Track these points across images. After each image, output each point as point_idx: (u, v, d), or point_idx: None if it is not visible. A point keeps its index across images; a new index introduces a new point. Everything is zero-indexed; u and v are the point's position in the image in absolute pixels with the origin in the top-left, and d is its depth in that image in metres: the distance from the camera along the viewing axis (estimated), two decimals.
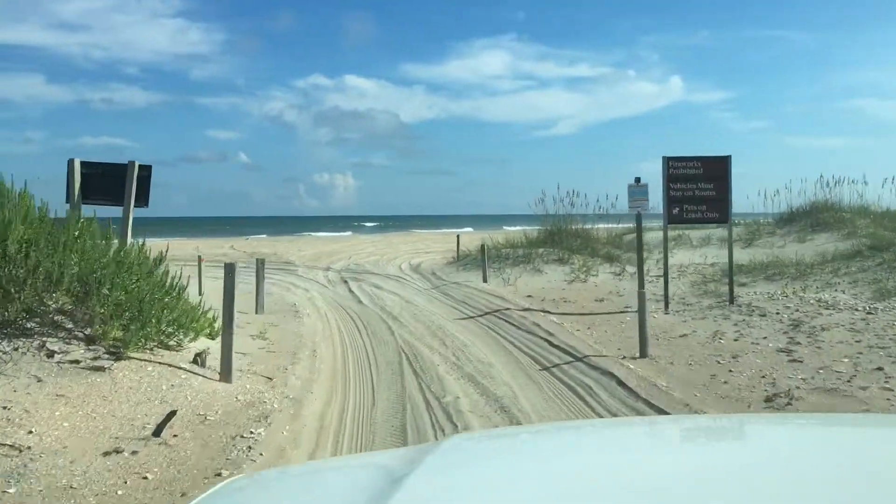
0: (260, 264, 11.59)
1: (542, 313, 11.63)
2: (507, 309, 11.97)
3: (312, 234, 60.55)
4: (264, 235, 58.39)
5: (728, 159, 12.01)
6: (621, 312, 11.80)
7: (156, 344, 6.92)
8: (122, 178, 14.67)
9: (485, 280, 15.53)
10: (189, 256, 26.80)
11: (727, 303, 11.81)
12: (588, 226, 21.27)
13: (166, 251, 7.91)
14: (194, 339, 7.28)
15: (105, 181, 14.92)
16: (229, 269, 6.61)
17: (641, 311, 8.18)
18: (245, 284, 14.44)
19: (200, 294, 13.86)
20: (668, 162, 11.95)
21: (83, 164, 14.65)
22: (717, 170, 11.96)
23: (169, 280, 7.52)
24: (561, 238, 20.29)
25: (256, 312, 11.31)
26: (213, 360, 6.93)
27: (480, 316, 11.58)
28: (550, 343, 9.15)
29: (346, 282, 16.64)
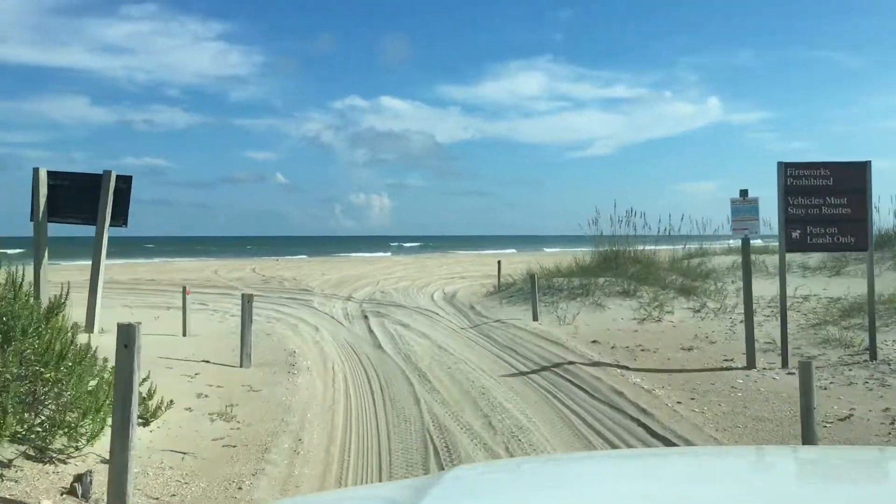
0: (247, 301, 8.86)
1: (619, 370, 8.71)
2: (571, 363, 9.08)
3: (349, 254, 58.25)
4: (304, 256, 56.74)
5: (867, 166, 9.02)
6: (724, 369, 8.84)
7: (25, 451, 4.22)
8: (95, 191, 12.20)
9: (535, 318, 12.64)
10: (199, 281, 24.33)
11: (868, 358, 8.78)
12: (648, 247, 18.60)
13: (65, 293, 5.23)
14: (93, 438, 4.55)
15: (76, 195, 12.41)
16: (124, 335, 3.79)
17: (807, 393, 5.17)
18: (253, 323, 11.76)
19: (185, 335, 11.29)
20: (786, 169, 8.99)
21: (50, 174, 12.18)
22: (852, 180, 8.99)
23: (70, 339, 4.83)
24: (619, 263, 17.48)
25: (241, 365, 8.60)
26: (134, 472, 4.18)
27: (535, 372, 8.71)
28: (648, 429, 6.23)
29: (366, 317, 13.88)
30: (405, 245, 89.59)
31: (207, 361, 8.69)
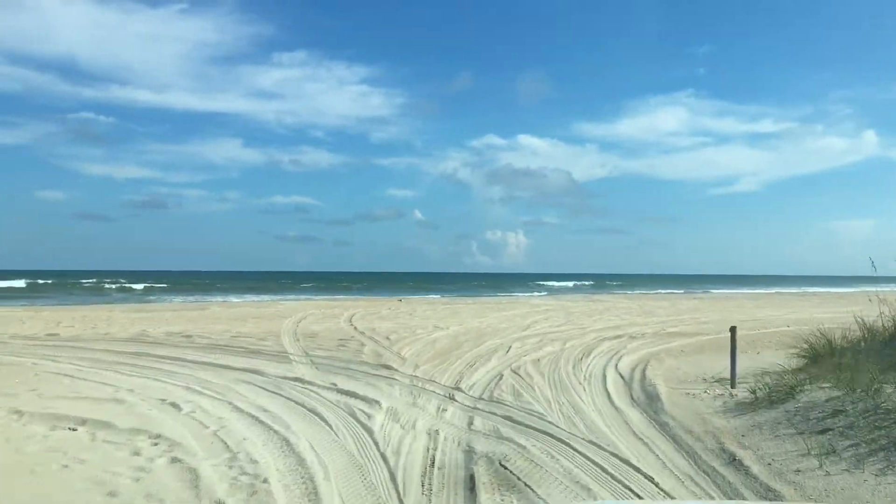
0: None
1: None
2: None
3: (480, 296, 50.50)
4: (435, 295, 50.56)
5: None
6: None
7: None
8: None
9: None
10: (252, 339, 16.80)
11: None
12: None
13: None
14: None
15: None
16: None
17: None
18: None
19: None
20: None
21: None
22: None
23: None
24: None
25: None
26: None
27: None
28: None
29: (473, 488, 5.61)
30: (545, 283, 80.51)
31: None
